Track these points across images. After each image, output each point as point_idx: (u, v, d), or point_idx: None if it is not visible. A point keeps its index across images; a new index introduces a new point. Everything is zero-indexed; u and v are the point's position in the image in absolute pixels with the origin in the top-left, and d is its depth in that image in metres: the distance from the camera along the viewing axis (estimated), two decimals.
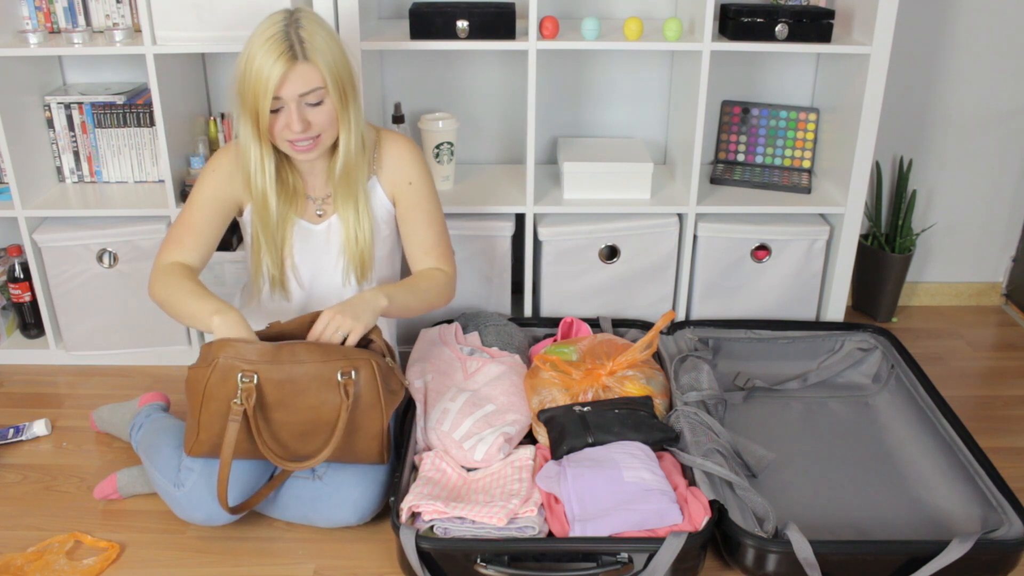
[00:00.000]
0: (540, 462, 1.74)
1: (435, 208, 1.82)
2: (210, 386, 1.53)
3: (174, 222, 1.77)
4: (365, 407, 1.60)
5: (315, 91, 1.57)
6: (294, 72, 1.54)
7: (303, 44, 1.54)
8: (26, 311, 2.30)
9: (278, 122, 1.59)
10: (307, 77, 1.56)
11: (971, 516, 1.66)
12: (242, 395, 1.53)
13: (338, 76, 1.59)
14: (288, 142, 1.62)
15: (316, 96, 1.58)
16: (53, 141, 2.24)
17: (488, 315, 2.18)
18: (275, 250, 1.75)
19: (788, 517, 1.63)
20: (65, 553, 1.65)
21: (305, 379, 1.55)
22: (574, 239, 2.19)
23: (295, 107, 1.57)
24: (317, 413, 1.57)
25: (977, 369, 2.32)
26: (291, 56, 1.53)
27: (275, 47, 1.53)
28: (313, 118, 1.60)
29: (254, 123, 1.60)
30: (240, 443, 1.56)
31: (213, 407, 1.55)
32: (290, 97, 1.56)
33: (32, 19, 2.16)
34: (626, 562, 1.51)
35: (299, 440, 1.60)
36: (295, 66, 1.54)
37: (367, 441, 1.63)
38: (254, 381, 1.53)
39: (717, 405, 1.93)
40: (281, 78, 1.53)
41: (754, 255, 2.24)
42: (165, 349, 2.27)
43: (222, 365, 1.52)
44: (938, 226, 2.57)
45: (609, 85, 2.39)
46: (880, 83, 2.07)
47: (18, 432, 1.99)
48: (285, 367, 1.54)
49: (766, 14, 2.04)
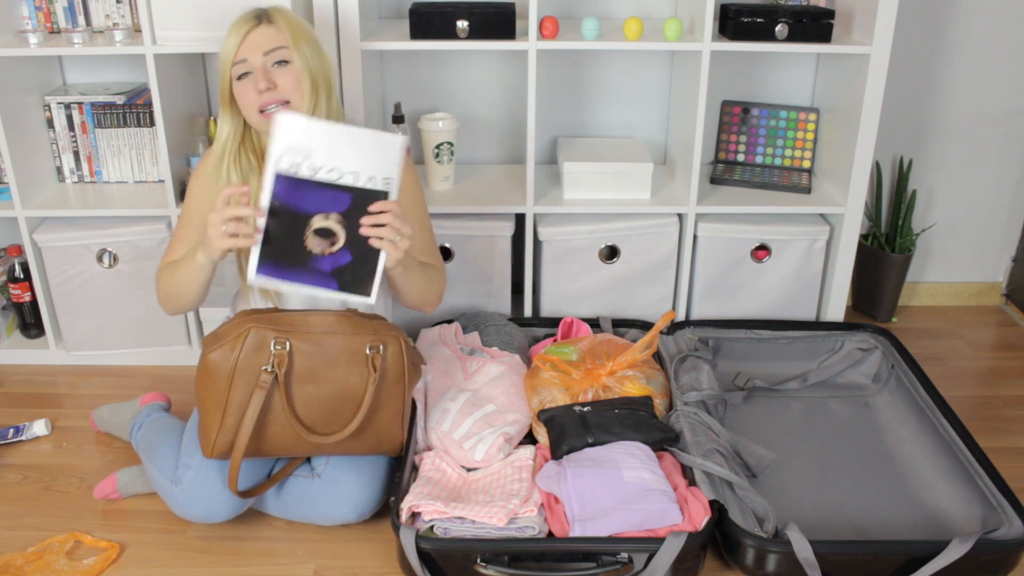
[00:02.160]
0: (540, 462, 1.74)
1: (422, 211, 1.81)
2: (242, 360, 1.53)
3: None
4: (391, 383, 1.61)
5: (278, 49, 1.60)
6: (256, 32, 1.60)
7: (267, 12, 1.63)
8: (26, 311, 2.31)
9: (246, 91, 1.61)
10: (269, 35, 1.61)
11: (971, 516, 1.66)
12: (274, 361, 1.53)
13: (302, 44, 1.61)
14: (259, 113, 1.61)
15: (280, 55, 1.60)
16: (53, 141, 2.24)
17: (488, 315, 2.18)
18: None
19: (788, 517, 1.63)
20: (65, 553, 1.65)
21: (335, 350, 1.56)
22: (574, 239, 2.19)
23: (260, 67, 1.60)
24: (344, 386, 1.58)
25: (977, 369, 2.32)
26: (255, 21, 1.61)
27: (241, 19, 1.62)
28: (279, 79, 1.60)
29: (226, 100, 1.63)
30: (257, 434, 1.55)
31: (244, 382, 1.54)
32: (255, 58, 1.59)
33: (32, 19, 2.16)
34: (626, 562, 1.51)
35: (324, 416, 1.59)
36: (258, 27, 1.61)
37: (388, 419, 1.64)
38: (287, 348, 1.54)
39: (717, 405, 1.93)
40: (244, 37, 1.59)
41: (754, 255, 2.24)
42: (165, 349, 2.27)
43: (255, 334, 1.52)
44: (938, 226, 2.57)
45: (609, 85, 2.39)
46: (880, 83, 2.07)
47: (18, 432, 1.99)
48: (315, 336, 1.55)
49: (766, 14, 2.04)
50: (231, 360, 1.53)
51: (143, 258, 2.16)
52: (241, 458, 1.56)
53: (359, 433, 1.61)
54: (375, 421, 1.63)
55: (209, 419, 1.57)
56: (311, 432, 1.59)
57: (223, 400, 1.55)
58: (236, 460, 1.56)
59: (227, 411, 1.55)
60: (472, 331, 2.11)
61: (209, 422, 1.58)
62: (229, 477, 1.58)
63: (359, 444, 1.64)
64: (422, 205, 1.81)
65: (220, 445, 1.58)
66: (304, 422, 1.59)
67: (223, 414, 1.56)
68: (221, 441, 1.58)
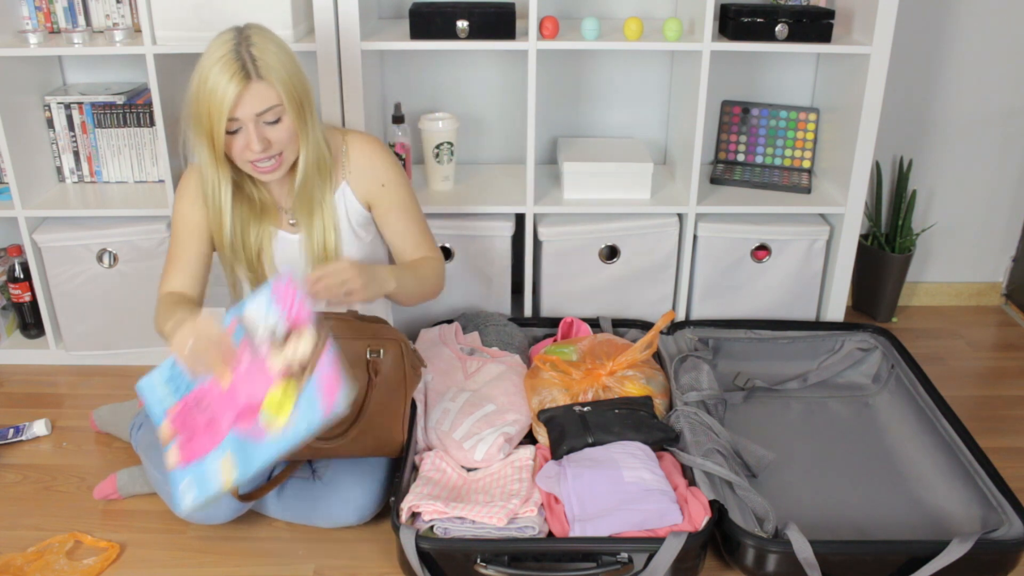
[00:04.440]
0: (540, 462, 1.74)
1: (413, 203, 1.80)
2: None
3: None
4: (390, 387, 1.61)
5: (272, 109, 1.54)
6: (248, 92, 1.50)
7: (256, 62, 1.51)
8: (26, 311, 2.30)
9: (237, 144, 1.56)
10: (263, 96, 1.52)
11: (971, 516, 1.66)
12: None
13: (294, 92, 1.55)
14: (250, 163, 1.59)
15: (273, 114, 1.54)
16: (53, 141, 2.24)
17: (488, 315, 2.18)
18: (250, 263, 1.72)
19: (788, 517, 1.62)
20: (65, 553, 1.65)
21: None
22: (574, 239, 2.19)
23: (253, 127, 1.53)
24: None
25: (977, 369, 2.32)
26: (244, 75, 1.50)
27: (227, 68, 1.49)
28: (272, 136, 1.56)
29: (210, 146, 1.56)
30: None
31: None
32: (247, 117, 1.53)
33: (32, 19, 2.16)
34: (626, 562, 1.51)
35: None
36: (249, 85, 1.50)
37: (389, 421, 1.64)
38: None
39: (717, 405, 1.93)
40: (236, 98, 1.49)
41: (754, 255, 2.24)
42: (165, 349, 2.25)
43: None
44: (938, 226, 2.57)
45: (609, 85, 2.39)
46: (880, 83, 2.07)
47: (18, 432, 1.99)
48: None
49: (766, 14, 2.04)
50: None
51: (143, 258, 2.16)
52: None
53: (359, 436, 1.61)
54: (375, 425, 1.62)
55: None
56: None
57: None
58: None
59: None
60: (472, 331, 2.11)
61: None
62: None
63: (359, 447, 1.64)
64: (411, 196, 1.80)
65: None
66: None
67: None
68: None
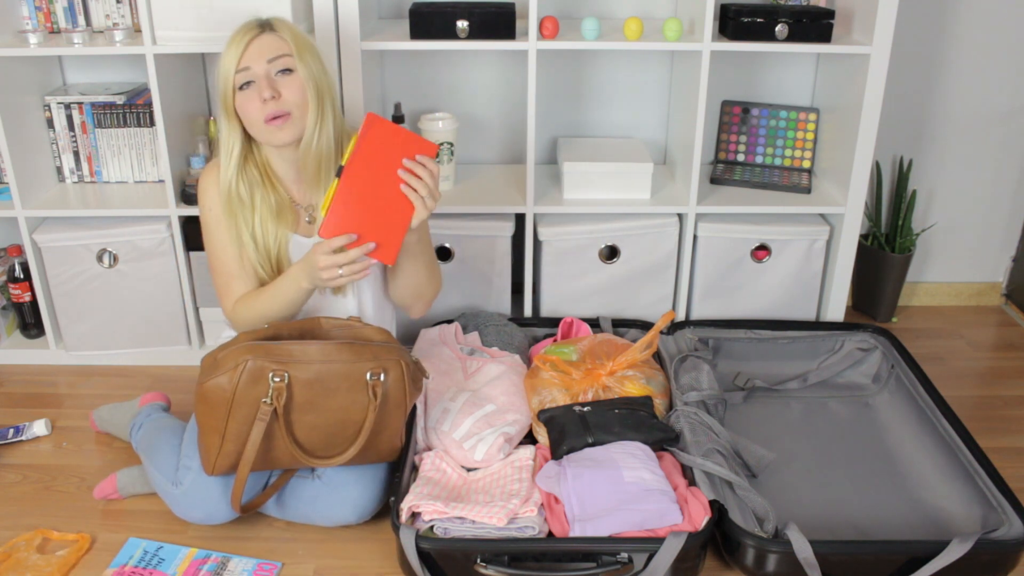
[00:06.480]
0: (540, 462, 1.74)
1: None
2: (239, 391, 1.51)
3: (212, 274, 1.73)
4: (392, 407, 1.60)
5: (282, 56, 1.59)
6: (259, 40, 1.59)
7: (269, 21, 1.62)
8: (26, 311, 2.30)
9: (250, 101, 1.59)
10: (273, 43, 1.59)
11: (971, 516, 1.66)
12: (273, 395, 1.51)
13: (306, 54, 1.60)
14: (263, 123, 1.59)
15: (284, 63, 1.59)
16: (53, 141, 2.24)
17: (488, 315, 2.18)
18: (267, 262, 1.70)
19: (788, 517, 1.63)
20: (35, 548, 1.65)
21: (335, 379, 1.54)
22: (574, 239, 2.19)
23: (264, 75, 1.58)
24: (345, 414, 1.56)
25: (977, 369, 2.32)
26: (258, 29, 1.60)
27: (243, 28, 1.61)
28: (283, 89, 1.59)
29: (227, 111, 1.61)
30: (259, 453, 1.55)
31: (242, 413, 1.52)
32: (258, 66, 1.58)
33: (32, 19, 2.16)
34: (626, 562, 1.51)
35: (324, 441, 1.58)
36: (261, 35, 1.59)
37: (389, 437, 1.63)
38: (285, 380, 1.51)
39: (717, 405, 1.93)
40: (247, 45, 1.58)
41: (754, 255, 2.24)
42: (165, 349, 2.27)
43: (252, 367, 1.50)
44: (938, 226, 2.57)
45: (609, 85, 2.39)
46: (880, 83, 2.07)
47: (18, 432, 1.99)
48: (315, 367, 1.52)
49: (766, 14, 2.04)
50: (228, 391, 1.51)
51: (143, 258, 2.16)
52: (244, 485, 1.57)
53: (358, 456, 1.61)
54: (376, 441, 1.63)
55: (209, 442, 1.57)
56: (311, 456, 1.59)
57: (222, 427, 1.54)
58: (239, 487, 1.57)
59: (226, 437, 1.55)
60: (472, 331, 2.11)
61: (209, 444, 1.58)
62: (232, 498, 1.59)
63: (360, 458, 1.64)
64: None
65: (220, 467, 1.59)
66: (304, 447, 1.58)
67: (222, 440, 1.56)
68: (221, 463, 1.58)
